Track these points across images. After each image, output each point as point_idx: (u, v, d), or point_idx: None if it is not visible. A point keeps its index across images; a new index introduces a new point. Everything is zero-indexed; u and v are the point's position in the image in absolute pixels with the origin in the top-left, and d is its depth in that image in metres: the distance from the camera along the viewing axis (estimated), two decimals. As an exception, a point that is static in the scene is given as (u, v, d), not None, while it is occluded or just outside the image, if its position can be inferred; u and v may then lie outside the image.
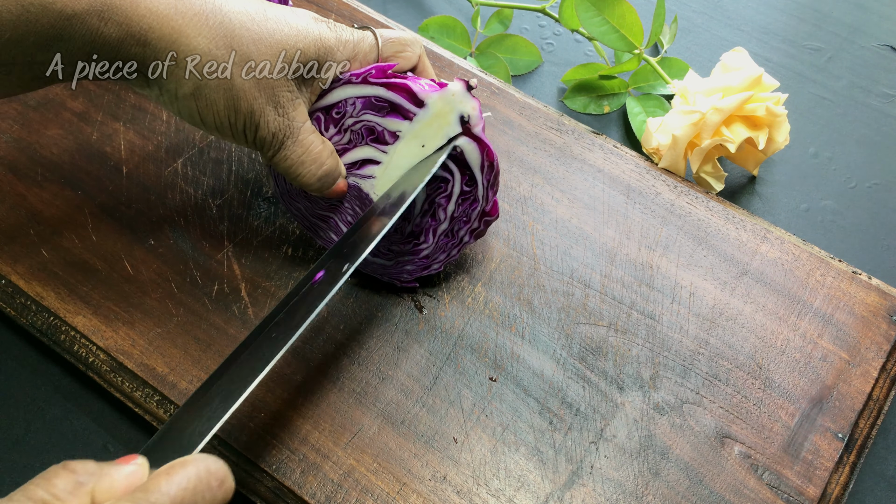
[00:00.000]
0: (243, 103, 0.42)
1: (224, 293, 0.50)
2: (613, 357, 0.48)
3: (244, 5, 0.42)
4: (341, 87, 0.45)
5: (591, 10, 0.59)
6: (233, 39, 0.41)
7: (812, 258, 0.51)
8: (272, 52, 0.42)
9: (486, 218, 0.48)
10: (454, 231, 0.48)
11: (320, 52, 0.43)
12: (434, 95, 0.44)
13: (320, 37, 0.43)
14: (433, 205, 0.47)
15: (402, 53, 0.46)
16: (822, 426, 0.46)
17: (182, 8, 0.40)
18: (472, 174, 0.46)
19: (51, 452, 0.48)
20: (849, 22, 0.68)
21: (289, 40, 0.42)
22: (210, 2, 0.41)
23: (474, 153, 0.45)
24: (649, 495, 0.44)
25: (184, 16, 0.40)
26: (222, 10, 0.41)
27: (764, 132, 0.55)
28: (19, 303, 0.50)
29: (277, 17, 0.43)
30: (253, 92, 0.42)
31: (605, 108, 0.63)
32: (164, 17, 0.39)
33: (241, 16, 0.41)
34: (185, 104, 0.42)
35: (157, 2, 0.39)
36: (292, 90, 0.43)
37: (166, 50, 0.40)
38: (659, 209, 0.53)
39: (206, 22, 0.40)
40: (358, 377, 0.47)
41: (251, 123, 0.43)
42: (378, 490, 0.44)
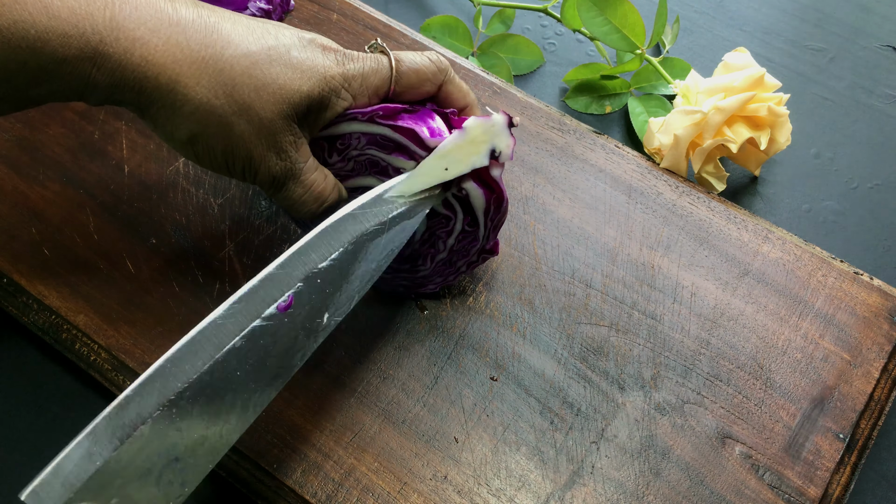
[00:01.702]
0: (241, 150, 0.40)
1: (226, 292, 0.50)
2: (615, 357, 0.48)
3: (247, 48, 0.39)
4: (346, 123, 0.43)
5: (593, 10, 0.59)
6: (233, 88, 0.39)
7: (814, 259, 0.51)
8: (275, 99, 0.40)
9: (485, 255, 0.48)
10: (452, 261, 0.48)
11: (325, 91, 0.41)
12: (476, 121, 0.42)
13: (325, 75, 0.41)
14: (433, 236, 0.47)
15: (421, 89, 0.44)
16: (824, 427, 0.46)
17: (179, 56, 0.38)
18: (474, 217, 0.45)
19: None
20: (851, 22, 0.68)
21: (293, 84, 0.40)
22: (210, 47, 0.39)
23: (479, 199, 0.44)
24: (650, 495, 0.44)
25: (181, 64, 0.38)
26: (223, 57, 0.39)
27: (766, 132, 0.55)
28: (21, 301, 0.50)
29: (282, 58, 0.40)
30: (252, 139, 0.40)
31: (606, 108, 0.63)
32: (160, 66, 0.38)
33: (242, 61, 0.39)
34: (180, 147, 0.41)
35: (152, 50, 0.37)
36: (295, 132, 0.41)
37: (162, 98, 0.38)
38: (660, 209, 0.53)
39: (205, 70, 0.38)
40: (359, 376, 0.47)
41: (250, 168, 0.41)
42: (379, 489, 0.44)
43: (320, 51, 0.42)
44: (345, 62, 0.42)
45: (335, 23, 0.61)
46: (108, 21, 0.36)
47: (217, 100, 0.39)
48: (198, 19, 0.39)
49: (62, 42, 0.36)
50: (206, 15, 0.40)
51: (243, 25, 0.40)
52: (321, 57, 0.41)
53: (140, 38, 0.37)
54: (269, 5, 0.59)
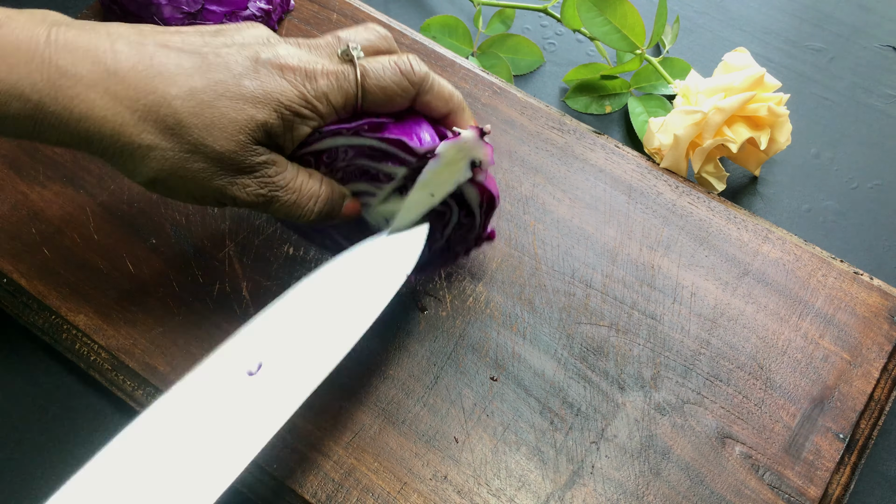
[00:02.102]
0: (206, 185, 0.39)
1: (225, 292, 0.50)
2: (615, 357, 0.48)
3: (192, 86, 0.38)
4: (331, 138, 0.42)
5: (593, 11, 0.59)
6: (182, 129, 0.38)
7: (814, 259, 0.51)
8: (227, 133, 0.38)
9: (482, 241, 0.48)
10: (449, 247, 0.48)
11: (284, 117, 0.39)
12: (447, 145, 0.41)
13: (281, 101, 0.39)
14: (431, 229, 0.46)
15: (390, 106, 0.41)
16: (824, 427, 0.46)
17: (120, 108, 0.37)
18: (469, 209, 0.45)
19: (52, 451, 0.48)
20: (851, 22, 0.68)
21: (244, 116, 0.38)
22: (152, 93, 0.37)
23: (474, 195, 0.45)
24: (650, 495, 0.44)
25: (122, 115, 0.37)
26: (166, 100, 0.37)
27: (766, 132, 0.55)
28: (21, 301, 0.50)
29: (231, 91, 0.38)
30: (214, 173, 0.39)
31: (606, 108, 0.63)
32: (102, 119, 0.37)
33: (188, 102, 0.37)
34: (146, 188, 0.40)
35: (91, 106, 0.36)
36: (261, 153, 0.40)
37: (111, 148, 0.38)
38: (660, 209, 0.53)
39: (149, 117, 0.37)
40: (359, 376, 0.47)
41: (225, 197, 0.40)
42: (379, 489, 0.44)
43: (277, 73, 0.39)
44: (304, 83, 0.39)
45: (335, 23, 0.61)
46: (47, 81, 0.36)
47: (167, 143, 0.38)
48: (138, 62, 0.37)
49: (3, 100, 0.36)
50: (149, 53, 0.38)
51: (189, 56, 0.38)
52: (277, 81, 0.39)
53: (78, 96, 0.36)
54: (269, 5, 0.59)
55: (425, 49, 0.60)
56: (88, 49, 0.37)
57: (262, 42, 0.40)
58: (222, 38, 0.40)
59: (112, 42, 0.38)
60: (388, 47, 0.43)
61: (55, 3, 0.68)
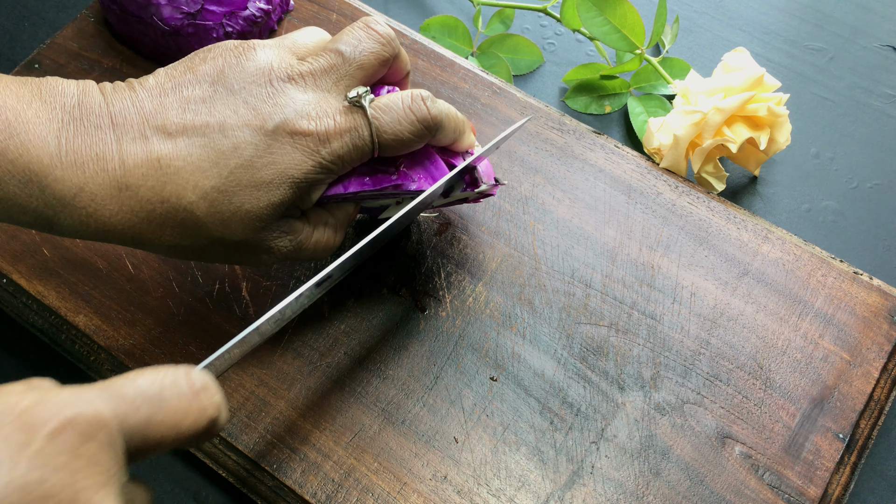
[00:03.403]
0: (227, 261, 0.41)
1: (225, 292, 0.50)
2: (614, 357, 0.48)
3: (204, 188, 0.37)
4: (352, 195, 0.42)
5: (593, 11, 0.59)
6: (200, 229, 0.38)
7: (813, 258, 0.51)
8: (244, 224, 0.38)
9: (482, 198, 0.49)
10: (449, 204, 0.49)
11: (301, 188, 0.38)
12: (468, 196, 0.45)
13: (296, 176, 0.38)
14: None
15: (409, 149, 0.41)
16: (823, 426, 0.46)
17: (136, 220, 0.37)
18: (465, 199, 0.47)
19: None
20: (850, 22, 0.68)
21: (261, 203, 0.38)
22: (166, 201, 0.37)
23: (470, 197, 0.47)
24: (650, 495, 0.44)
25: (140, 226, 0.37)
26: (181, 207, 0.37)
27: (765, 132, 0.55)
28: (20, 302, 0.50)
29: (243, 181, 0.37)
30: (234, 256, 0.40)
31: (606, 108, 0.63)
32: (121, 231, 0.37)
33: (202, 205, 0.37)
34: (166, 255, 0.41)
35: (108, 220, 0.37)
36: (280, 227, 0.40)
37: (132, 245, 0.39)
38: (660, 209, 0.53)
39: (167, 223, 0.37)
40: (359, 377, 0.47)
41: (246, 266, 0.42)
42: (379, 489, 0.44)
43: (289, 142, 0.37)
44: (319, 148, 0.38)
45: (335, 23, 0.61)
46: (59, 200, 0.36)
47: (185, 241, 0.38)
48: (147, 170, 0.36)
49: (17, 211, 0.36)
50: (155, 153, 0.36)
51: (195, 142, 0.37)
52: (290, 154, 0.37)
53: (93, 214, 0.36)
54: (269, 5, 0.59)
55: (425, 49, 0.60)
56: (97, 159, 0.36)
57: (266, 96, 0.38)
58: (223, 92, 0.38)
59: (118, 143, 0.36)
60: (391, 52, 0.41)
61: (54, 4, 0.68)
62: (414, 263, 0.51)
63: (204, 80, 0.38)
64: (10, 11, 0.67)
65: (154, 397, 0.29)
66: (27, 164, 0.35)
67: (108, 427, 0.28)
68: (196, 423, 0.30)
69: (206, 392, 0.31)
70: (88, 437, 0.27)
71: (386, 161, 0.42)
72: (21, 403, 0.27)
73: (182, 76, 0.38)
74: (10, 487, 0.25)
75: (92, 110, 0.37)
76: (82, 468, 0.26)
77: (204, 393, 0.31)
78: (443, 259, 0.51)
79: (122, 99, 0.38)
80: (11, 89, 0.36)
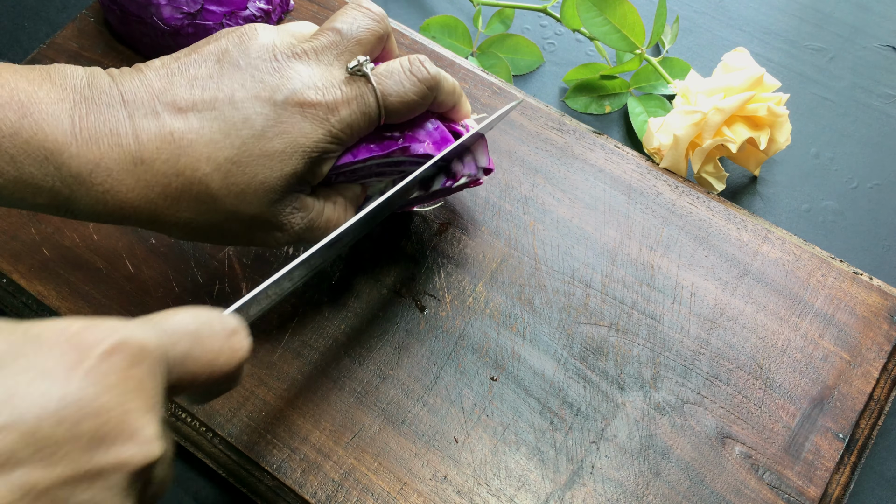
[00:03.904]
0: (243, 240, 0.41)
1: (225, 293, 0.50)
2: (614, 357, 0.48)
3: (218, 160, 0.37)
4: (362, 163, 0.42)
5: (593, 11, 0.59)
6: (214, 202, 0.38)
7: (813, 258, 0.51)
8: (258, 196, 0.38)
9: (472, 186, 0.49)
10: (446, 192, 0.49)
11: (313, 157, 0.39)
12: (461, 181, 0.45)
13: (307, 145, 0.38)
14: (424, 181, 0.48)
15: (414, 112, 0.42)
16: (823, 426, 0.46)
17: (152, 194, 0.37)
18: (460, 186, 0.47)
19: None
20: (850, 22, 0.68)
21: (274, 174, 0.38)
22: (182, 175, 0.37)
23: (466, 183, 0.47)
24: (650, 495, 0.44)
25: (155, 201, 0.37)
26: (195, 180, 0.37)
27: (765, 132, 0.55)
28: (20, 302, 0.50)
29: (255, 152, 0.37)
30: (248, 232, 0.40)
31: (606, 108, 0.63)
32: (137, 207, 0.37)
33: (216, 176, 0.37)
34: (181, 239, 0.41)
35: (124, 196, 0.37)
36: (292, 203, 0.40)
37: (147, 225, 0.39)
38: (660, 209, 0.53)
39: (183, 197, 0.38)
40: (359, 377, 0.47)
41: (263, 245, 0.42)
42: (379, 489, 0.44)
43: (299, 113, 0.38)
44: (328, 117, 0.39)
45: (335, 23, 0.61)
46: (76, 177, 0.36)
47: (201, 216, 0.38)
48: (161, 143, 0.37)
49: (33, 192, 0.36)
50: (168, 127, 0.37)
51: (206, 116, 0.37)
52: (300, 124, 0.38)
53: (110, 190, 0.37)
54: (269, 5, 0.59)
55: (425, 49, 0.60)
56: (111, 135, 0.36)
57: (272, 70, 0.38)
58: (229, 68, 0.38)
59: (131, 119, 0.37)
60: (385, 29, 0.42)
61: (54, 4, 0.68)
62: (414, 263, 0.51)
63: (209, 58, 0.39)
64: (10, 11, 0.67)
65: (193, 333, 0.31)
66: (42, 143, 0.35)
67: (153, 354, 0.29)
68: (228, 363, 0.32)
69: (237, 335, 0.33)
70: (137, 362, 0.28)
71: (391, 128, 0.43)
72: (71, 327, 0.28)
73: (187, 57, 0.39)
74: (65, 401, 0.26)
75: (102, 90, 0.37)
76: (131, 390, 0.27)
77: (236, 335, 0.32)
78: (443, 259, 0.51)
79: (130, 80, 0.38)
80: (21, 74, 0.37)
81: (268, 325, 0.49)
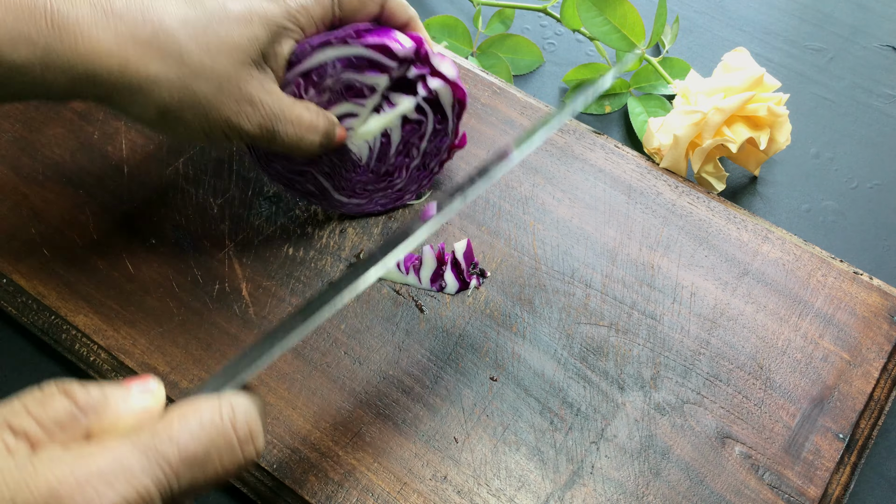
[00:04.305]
0: (213, 113, 0.41)
1: (225, 292, 0.50)
2: (614, 357, 0.48)
3: (185, 16, 0.40)
4: (321, 51, 0.45)
5: (593, 11, 0.59)
6: (182, 56, 0.40)
7: (813, 258, 0.51)
8: (226, 54, 0.41)
9: (456, 150, 0.51)
10: (425, 164, 0.51)
11: (272, 31, 0.42)
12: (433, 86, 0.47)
13: (267, 17, 0.42)
14: (408, 145, 0.50)
15: (364, 10, 0.45)
16: (823, 426, 0.46)
17: (122, 41, 0.39)
18: (444, 114, 0.49)
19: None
20: (850, 22, 0.68)
21: (238, 35, 0.41)
22: (150, 23, 0.39)
23: (447, 95, 0.48)
24: (650, 495, 0.44)
25: (126, 48, 0.39)
26: (164, 29, 0.40)
27: (765, 132, 0.55)
28: (20, 301, 0.50)
29: (220, 15, 0.41)
30: (219, 98, 0.41)
31: (606, 108, 0.63)
32: (108, 55, 0.39)
33: (184, 30, 0.40)
34: (155, 126, 0.42)
35: (96, 42, 0.38)
36: (258, 77, 0.42)
37: (118, 84, 0.39)
38: (660, 209, 0.53)
39: (152, 46, 0.39)
40: (359, 377, 0.47)
41: (231, 128, 0.42)
42: (378, 489, 0.44)
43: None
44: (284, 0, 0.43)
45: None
46: (51, 25, 0.38)
47: (171, 71, 0.40)
48: (131, 2, 0.40)
49: (11, 48, 0.37)
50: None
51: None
52: (258, 1, 0.42)
53: (82, 34, 0.38)
54: None
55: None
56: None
57: None
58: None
59: None
60: None
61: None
62: (414, 263, 0.51)
63: None
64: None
65: (200, 461, 0.28)
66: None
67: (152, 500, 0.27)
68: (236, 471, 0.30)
69: (251, 443, 0.30)
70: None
71: None
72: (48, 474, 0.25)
73: None
74: None
75: None
76: None
77: (248, 445, 0.30)
78: (443, 259, 0.51)
79: None
80: None
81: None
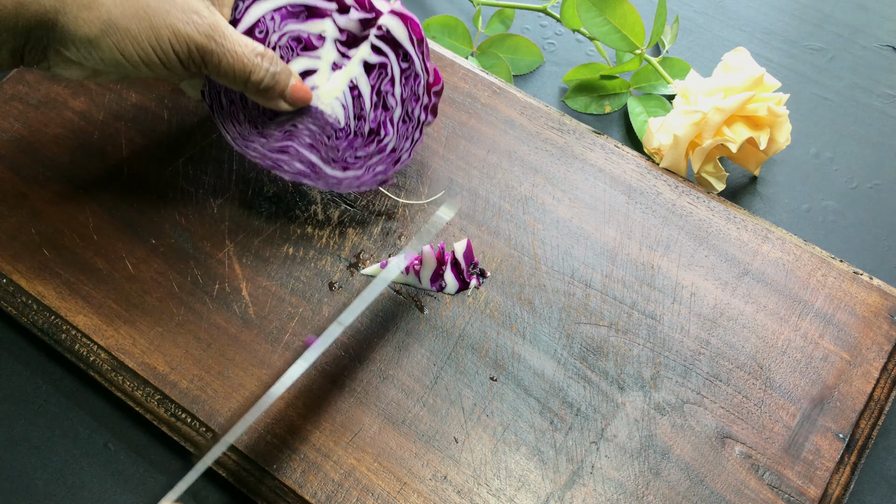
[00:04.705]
0: (158, 20, 0.42)
1: (225, 292, 0.50)
2: (614, 357, 0.48)
3: None
4: (255, 5, 0.46)
5: (593, 11, 0.59)
6: None
7: (813, 258, 0.51)
8: None
9: (434, 89, 0.50)
10: (409, 113, 0.50)
11: None
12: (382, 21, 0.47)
13: None
14: (381, 94, 0.49)
15: None
16: (823, 426, 0.46)
17: None
18: (405, 51, 0.48)
19: (51, 451, 0.48)
20: (850, 22, 0.68)
21: None
22: None
23: (400, 28, 0.47)
24: (650, 495, 0.44)
25: None
26: None
27: (765, 132, 0.55)
28: (20, 302, 0.50)
29: None
30: (166, 7, 0.42)
31: (606, 108, 0.63)
32: None
33: None
34: (103, 45, 0.42)
35: None
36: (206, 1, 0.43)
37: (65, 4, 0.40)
38: (660, 209, 0.53)
39: None
40: (359, 377, 0.47)
41: (178, 37, 0.42)
42: (379, 489, 0.44)
43: None
44: None
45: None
46: None
47: None
48: None
49: None
50: None
51: None
52: None
53: None
54: None
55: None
56: None
57: None
58: None
59: None
60: None
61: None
62: (414, 263, 0.51)
63: None
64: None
65: None
66: None
67: None
68: None
69: None
70: None
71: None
72: None
73: None
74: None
75: None
76: None
77: None
78: (443, 259, 0.51)
79: None
80: None
81: (268, 325, 0.49)
